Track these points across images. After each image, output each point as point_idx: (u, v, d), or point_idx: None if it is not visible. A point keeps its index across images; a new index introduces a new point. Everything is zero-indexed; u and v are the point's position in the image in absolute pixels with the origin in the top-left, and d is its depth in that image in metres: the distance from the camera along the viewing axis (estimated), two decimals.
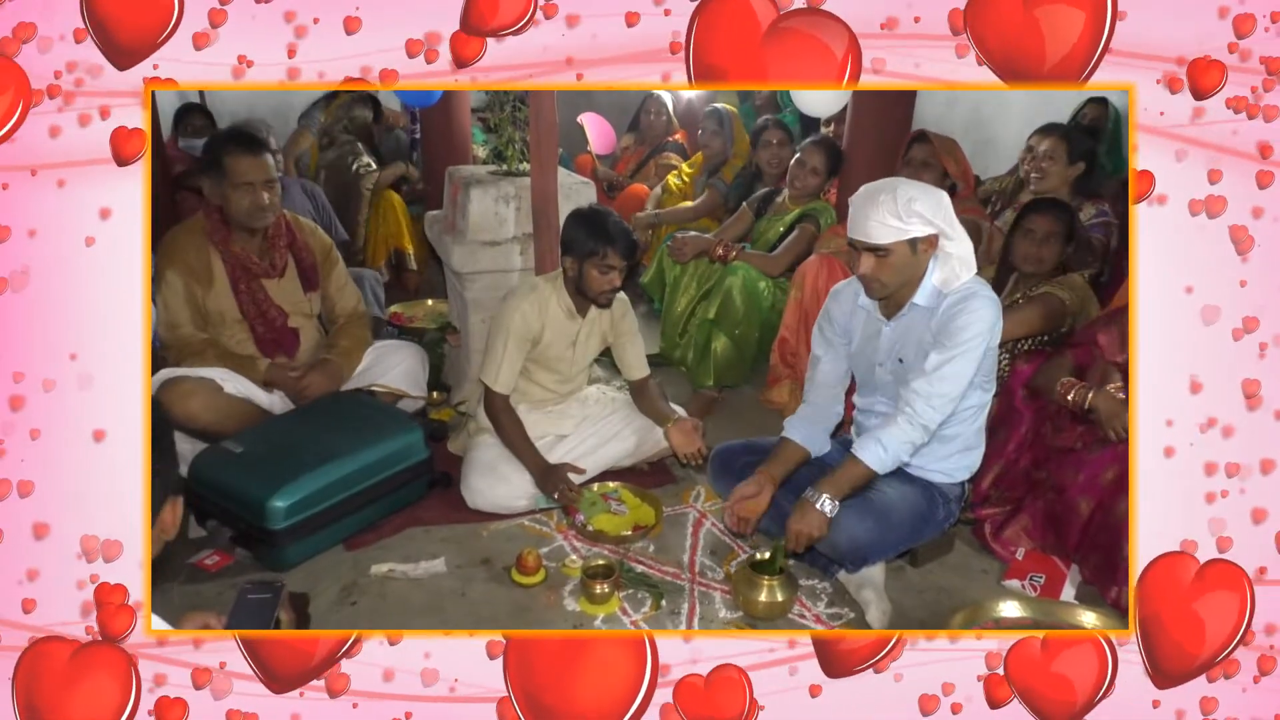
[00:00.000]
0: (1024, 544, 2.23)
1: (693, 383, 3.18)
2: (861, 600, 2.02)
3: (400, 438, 2.36)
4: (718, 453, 2.31)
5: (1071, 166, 2.86)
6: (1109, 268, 2.90)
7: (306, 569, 2.15)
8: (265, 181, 2.36)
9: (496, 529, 2.35)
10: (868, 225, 1.86)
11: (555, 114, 2.70)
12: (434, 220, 3.11)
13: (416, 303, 3.90)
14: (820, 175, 3.21)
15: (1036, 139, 2.97)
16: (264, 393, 2.45)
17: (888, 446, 1.90)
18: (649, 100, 4.65)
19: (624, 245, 2.33)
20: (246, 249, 2.43)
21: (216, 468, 2.17)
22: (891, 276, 1.90)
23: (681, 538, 2.34)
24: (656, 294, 3.51)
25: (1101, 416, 2.08)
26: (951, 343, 1.87)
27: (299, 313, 2.54)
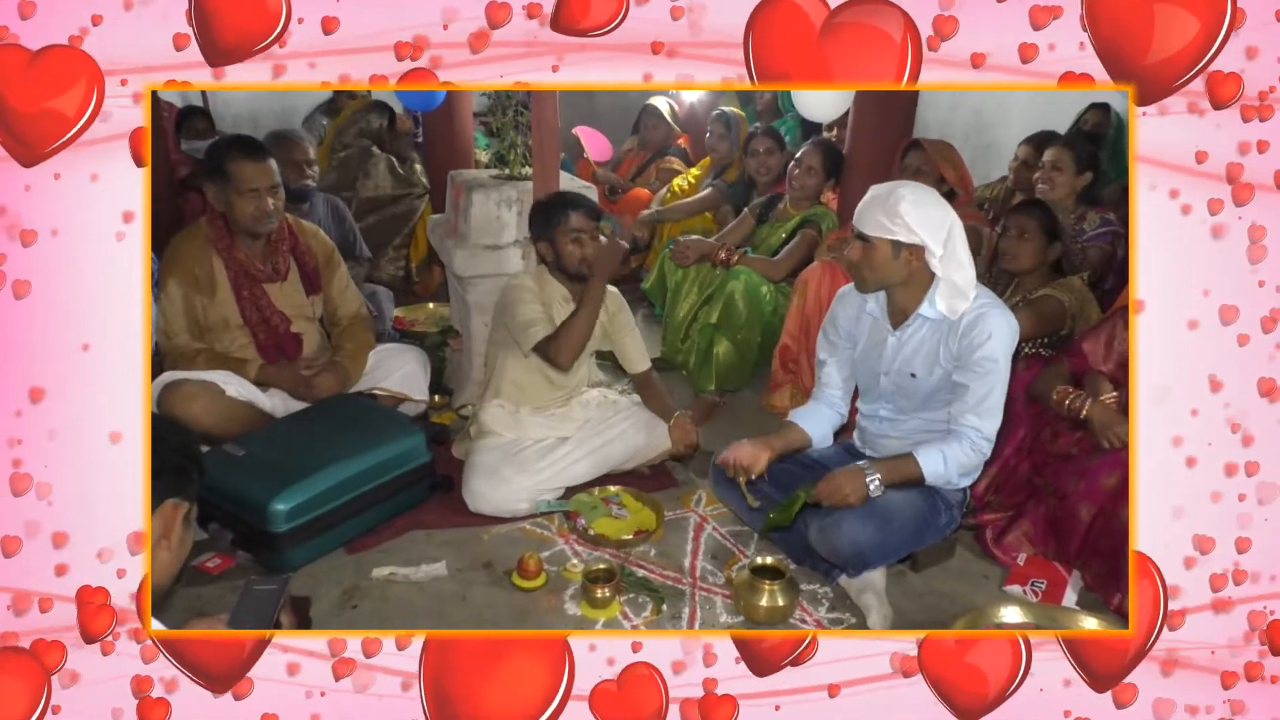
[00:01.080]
0: (1025, 550, 2.23)
1: (694, 387, 3.18)
2: (863, 605, 2.02)
3: (402, 441, 2.36)
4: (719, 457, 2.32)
5: (1079, 176, 2.87)
6: (1114, 275, 2.90)
7: (308, 572, 2.15)
8: (270, 187, 2.36)
9: (498, 533, 2.35)
10: (863, 214, 1.94)
11: (557, 118, 2.71)
12: (436, 224, 3.12)
13: (418, 306, 3.91)
14: (818, 175, 3.21)
15: (1025, 149, 2.97)
16: (266, 396, 2.45)
17: (949, 463, 1.95)
18: (645, 112, 4.67)
19: (584, 206, 2.40)
20: (250, 254, 2.44)
21: (218, 471, 2.17)
22: (871, 271, 1.95)
23: (683, 542, 2.34)
24: (658, 299, 3.52)
25: (1095, 426, 2.09)
26: (982, 369, 1.92)
27: (301, 316, 2.55)
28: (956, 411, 1.95)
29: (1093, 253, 2.74)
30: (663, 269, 3.44)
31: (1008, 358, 1.93)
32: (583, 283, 2.43)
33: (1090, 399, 2.12)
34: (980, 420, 1.93)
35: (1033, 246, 2.48)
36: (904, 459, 1.98)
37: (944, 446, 1.95)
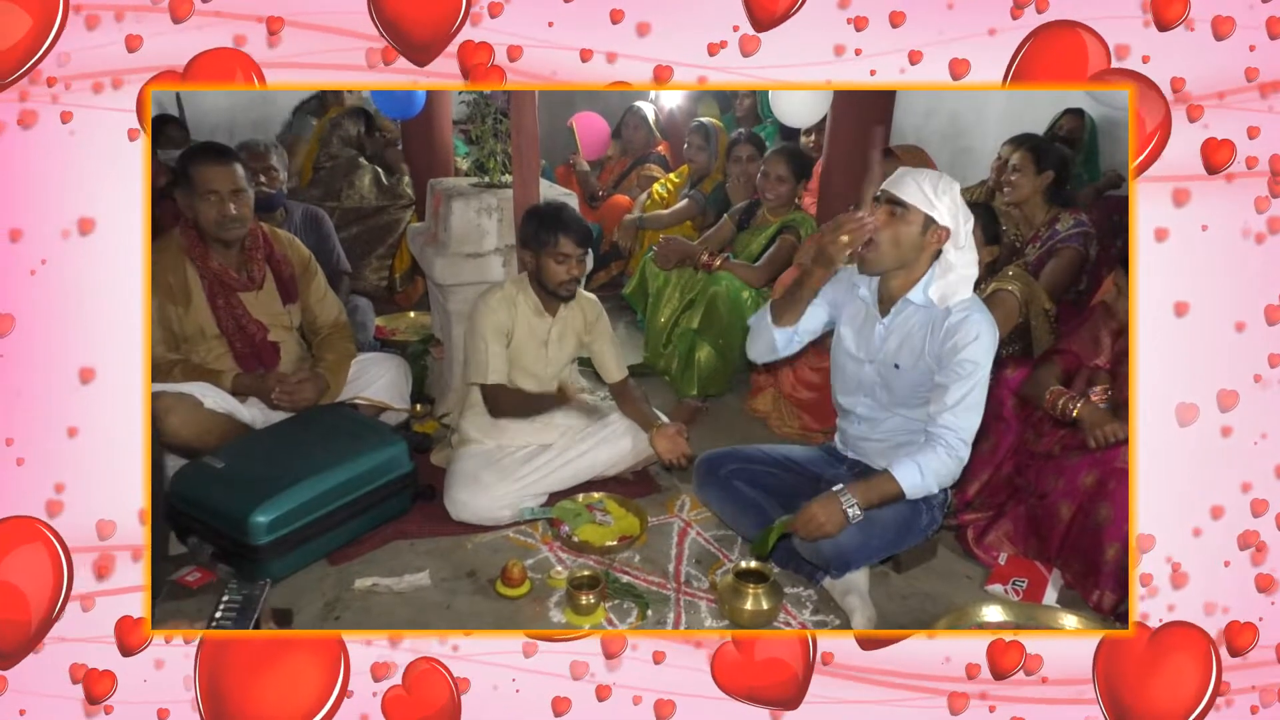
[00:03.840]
0: (1006, 549, 2.25)
1: (677, 392, 3.19)
2: (846, 606, 2.03)
3: (384, 451, 2.34)
4: (702, 461, 2.32)
5: (1040, 176, 2.92)
6: (1088, 277, 2.94)
7: (289, 584, 2.13)
8: (232, 191, 2.34)
9: (481, 541, 2.34)
10: (905, 182, 1.92)
11: (536, 125, 2.71)
12: (416, 233, 3.11)
13: (399, 315, 3.89)
14: (788, 182, 3.24)
15: (1007, 150, 3.02)
16: (245, 407, 2.43)
17: (925, 474, 1.93)
18: (629, 113, 4.67)
19: (577, 233, 2.40)
20: (224, 263, 2.42)
21: (197, 483, 2.15)
22: (892, 243, 1.93)
23: (667, 547, 2.34)
24: (640, 305, 3.52)
25: (1085, 426, 2.11)
26: (963, 372, 1.92)
27: (278, 325, 2.53)
28: (934, 411, 1.96)
29: (1066, 253, 2.77)
30: (644, 274, 3.45)
31: (989, 362, 1.94)
32: (559, 300, 2.47)
33: (1080, 400, 2.15)
34: (958, 420, 1.93)
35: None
36: (881, 478, 1.96)
37: (919, 457, 1.93)
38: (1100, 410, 2.12)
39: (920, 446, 1.97)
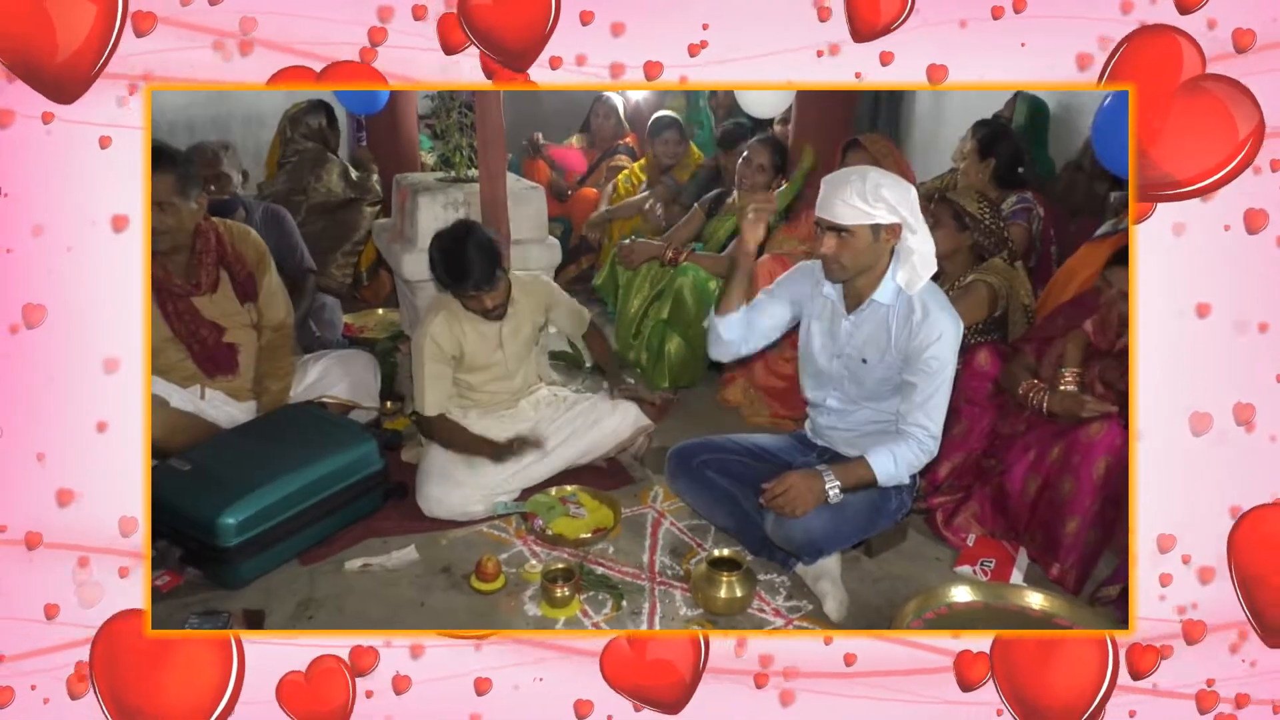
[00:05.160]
0: (975, 530, 2.29)
1: (648, 384, 3.20)
2: (819, 592, 2.05)
3: (353, 449, 2.32)
4: (674, 452, 2.33)
5: (983, 162, 2.99)
6: (1035, 254, 3.02)
7: (260, 585, 2.11)
8: (155, 204, 2.21)
9: (455, 536, 2.33)
10: (835, 205, 1.90)
11: (502, 118, 2.70)
12: (383, 229, 3.09)
13: (367, 312, 3.86)
14: (767, 172, 3.25)
15: (964, 138, 3.10)
16: (211, 407, 2.40)
17: (899, 463, 1.97)
18: (598, 103, 4.66)
19: (477, 276, 2.29)
20: (168, 271, 2.37)
21: (164, 486, 2.11)
22: (851, 259, 1.94)
23: (641, 538, 2.35)
24: (610, 296, 3.52)
25: (1061, 414, 2.15)
26: (929, 370, 1.95)
27: (237, 325, 2.48)
28: (904, 410, 2.00)
29: (1013, 230, 2.85)
30: (614, 267, 3.45)
31: (954, 358, 1.97)
32: (495, 322, 2.45)
33: (1050, 392, 2.19)
34: (928, 419, 1.97)
35: (944, 233, 2.54)
36: (857, 463, 1.99)
37: (893, 447, 1.98)
38: (1073, 395, 2.16)
39: (894, 437, 2.01)
